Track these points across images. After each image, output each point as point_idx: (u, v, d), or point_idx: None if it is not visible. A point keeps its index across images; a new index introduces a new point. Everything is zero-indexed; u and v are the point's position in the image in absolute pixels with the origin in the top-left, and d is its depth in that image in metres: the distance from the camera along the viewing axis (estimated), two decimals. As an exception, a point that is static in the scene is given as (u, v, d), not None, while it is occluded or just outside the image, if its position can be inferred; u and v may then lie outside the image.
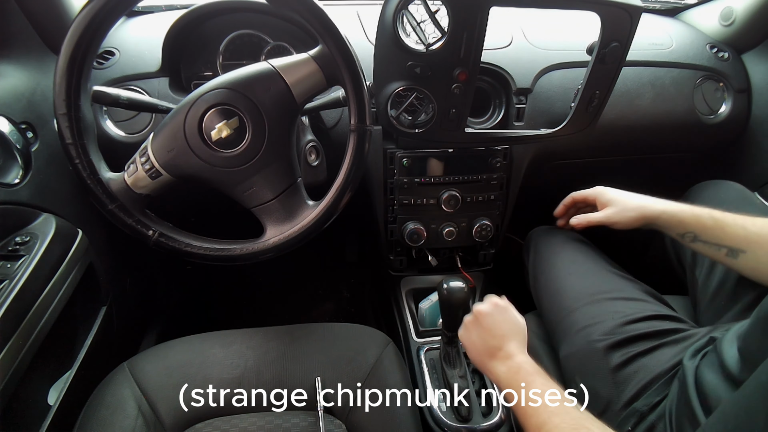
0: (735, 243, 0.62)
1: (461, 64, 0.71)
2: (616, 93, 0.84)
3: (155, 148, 0.61)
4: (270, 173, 0.63)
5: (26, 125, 0.71)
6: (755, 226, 0.62)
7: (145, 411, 0.63)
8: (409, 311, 0.99)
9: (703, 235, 0.65)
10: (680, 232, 0.67)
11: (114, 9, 0.56)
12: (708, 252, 0.66)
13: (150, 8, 0.96)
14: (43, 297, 0.63)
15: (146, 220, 0.64)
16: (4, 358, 0.55)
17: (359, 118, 0.61)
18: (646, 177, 1.21)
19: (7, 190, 0.66)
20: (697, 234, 0.65)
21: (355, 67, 0.59)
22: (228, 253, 0.65)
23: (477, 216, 0.94)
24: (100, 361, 0.79)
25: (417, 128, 0.78)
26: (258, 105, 0.60)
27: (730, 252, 0.62)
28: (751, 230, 0.62)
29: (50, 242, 0.66)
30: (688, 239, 0.66)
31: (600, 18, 0.69)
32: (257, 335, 0.73)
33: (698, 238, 0.65)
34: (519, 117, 0.90)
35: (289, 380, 0.67)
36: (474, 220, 0.93)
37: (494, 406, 0.79)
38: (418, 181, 0.89)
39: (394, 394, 0.66)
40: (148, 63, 0.85)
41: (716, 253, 0.64)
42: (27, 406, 0.67)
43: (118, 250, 0.93)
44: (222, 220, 1.10)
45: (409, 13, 0.69)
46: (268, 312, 1.44)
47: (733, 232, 0.63)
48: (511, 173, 0.93)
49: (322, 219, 0.64)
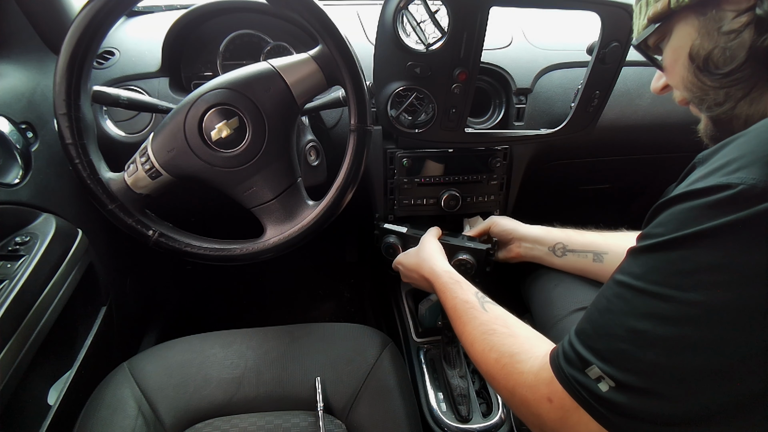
0: (598, 247, 0.70)
1: (461, 64, 0.71)
2: (616, 93, 0.84)
3: (155, 148, 0.61)
4: (270, 173, 0.63)
5: (26, 125, 0.71)
6: (612, 236, 0.72)
7: (145, 411, 0.63)
8: (409, 311, 0.99)
9: (570, 244, 0.73)
10: (551, 245, 0.74)
11: (114, 9, 0.56)
12: (578, 262, 0.72)
13: (150, 8, 0.96)
14: (43, 297, 0.63)
15: (146, 220, 0.64)
16: (4, 358, 0.55)
17: (359, 118, 0.61)
18: (646, 177, 1.21)
19: (7, 190, 0.66)
20: (565, 244, 0.73)
21: (355, 67, 0.59)
22: (228, 253, 0.65)
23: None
24: (100, 361, 0.79)
25: (417, 128, 0.78)
26: (258, 105, 0.60)
27: (596, 256, 0.70)
28: (609, 237, 0.72)
29: (50, 242, 0.66)
30: (559, 251, 0.74)
31: (600, 18, 0.69)
32: (257, 335, 0.73)
33: (567, 248, 0.73)
34: (519, 117, 0.90)
35: (289, 380, 0.67)
36: (474, 220, 0.93)
37: (494, 406, 0.79)
38: (418, 181, 0.89)
39: (394, 394, 0.67)
40: (148, 63, 0.85)
41: (584, 261, 0.72)
42: (27, 406, 0.67)
43: (118, 250, 0.93)
44: (222, 220, 1.10)
45: (409, 13, 0.69)
46: (267, 312, 1.44)
47: (594, 239, 0.72)
48: (511, 173, 0.93)
49: (322, 219, 0.64)
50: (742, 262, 0.30)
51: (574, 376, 0.38)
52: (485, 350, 0.50)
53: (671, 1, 0.40)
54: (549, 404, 0.40)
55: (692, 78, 0.42)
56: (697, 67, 0.41)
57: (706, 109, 0.44)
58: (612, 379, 0.35)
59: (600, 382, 0.35)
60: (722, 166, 0.32)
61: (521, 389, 0.43)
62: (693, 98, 0.44)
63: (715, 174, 0.32)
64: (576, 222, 0.79)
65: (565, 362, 0.39)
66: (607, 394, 0.35)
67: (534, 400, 0.42)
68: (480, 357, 0.51)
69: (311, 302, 1.47)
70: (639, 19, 0.46)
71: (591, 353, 0.37)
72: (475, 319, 0.55)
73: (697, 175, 0.34)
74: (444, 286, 0.64)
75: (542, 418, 0.41)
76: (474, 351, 0.52)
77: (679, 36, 0.42)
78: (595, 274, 0.72)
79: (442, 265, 0.69)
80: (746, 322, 0.30)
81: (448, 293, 0.62)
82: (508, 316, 0.54)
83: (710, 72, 0.40)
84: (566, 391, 0.38)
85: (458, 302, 0.59)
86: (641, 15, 0.45)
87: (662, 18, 0.43)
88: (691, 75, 0.42)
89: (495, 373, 0.48)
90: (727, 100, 0.40)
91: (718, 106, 0.42)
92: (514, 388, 0.44)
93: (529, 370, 0.43)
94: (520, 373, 0.44)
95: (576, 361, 0.38)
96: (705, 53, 0.39)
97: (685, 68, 0.42)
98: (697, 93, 0.43)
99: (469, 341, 0.54)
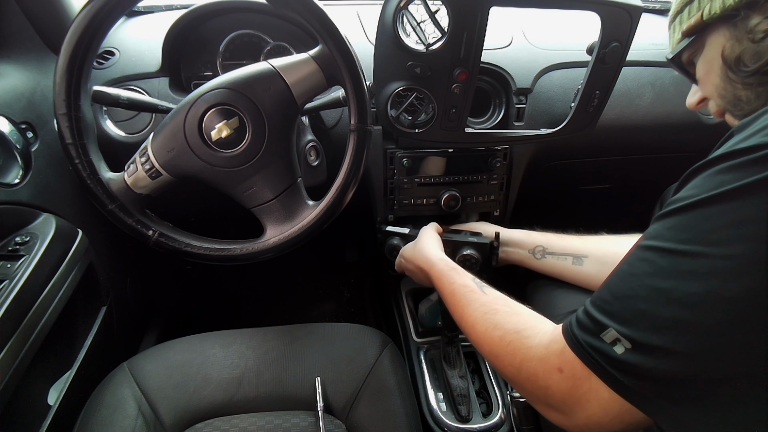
0: (578, 251, 0.72)
1: (461, 64, 0.71)
2: (616, 93, 0.84)
3: (155, 148, 0.61)
4: (270, 173, 0.63)
5: (26, 125, 0.71)
6: (592, 240, 0.73)
7: (145, 411, 0.63)
8: (409, 311, 0.99)
9: (550, 247, 0.74)
10: (531, 248, 0.76)
11: (114, 9, 0.56)
12: (557, 265, 0.74)
13: (150, 8, 0.96)
14: (43, 297, 0.63)
15: (146, 220, 0.64)
16: (4, 358, 0.55)
17: (359, 118, 0.61)
18: (647, 177, 1.21)
19: (7, 190, 0.66)
20: (545, 247, 0.75)
21: (355, 67, 0.59)
22: (228, 253, 0.65)
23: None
24: (100, 361, 0.79)
25: (417, 128, 0.78)
26: (258, 105, 0.60)
27: (576, 259, 0.72)
28: (589, 241, 0.73)
29: (50, 242, 0.66)
30: (539, 254, 0.75)
31: (600, 18, 0.69)
32: (257, 335, 0.73)
33: (547, 251, 0.75)
34: (519, 117, 0.90)
35: (289, 380, 0.67)
36: (474, 220, 0.93)
37: (494, 406, 0.79)
38: (418, 181, 0.89)
39: (394, 394, 0.67)
40: (148, 63, 0.85)
41: (564, 264, 0.73)
42: (27, 406, 0.67)
43: (118, 250, 0.93)
44: (222, 220, 1.10)
45: (409, 13, 0.69)
46: (268, 312, 1.44)
47: (574, 242, 0.73)
48: (511, 173, 0.93)
49: (322, 219, 0.64)
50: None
51: (587, 341, 0.37)
52: (488, 329, 0.49)
53: (703, 14, 0.42)
54: (559, 374, 0.40)
55: (724, 84, 0.44)
56: (729, 68, 0.42)
57: (739, 115, 0.45)
58: (628, 339, 0.34)
59: (615, 345, 0.35)
60: (763, 128, 0.32)
61: (530, 363, 0.43)
62: (727, 105, 0.46)
63: (756, 135, 0.32)
64: (576, 222, 0.80)
65: (579, 329, 0.39)
66: (622, 356, 0.34)
67: (543, 372, 0.41)
68: (483, 337, 0.50)
69: (311, 302, 1.47)
70: (674, 36, 0.48)
71: (608, 317, 0.36)
72: (475, 301, 0.54)
73: (736, 140, 0.34)
74: (440, 272, 0.63)
75: (551, 390, 0.40)
76: (476, 332, 0.51)
77: (711, 47, 0.44)
78: (574, 277, 0.72)
79: (436, 253, 0.69)
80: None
81: (444, 279, 0.62)
82: (508, 298, 0.53)
83: (740, 71, 0.41)
84: (578, 357, 0.38)
85: (456, 287, 0.59)
86: (676, 31, 0.48)
87: (696, 31, 0.45)
88: (723, 81, 0.44)
89: (499, 351, 0.47)
90: (757, 98, 0.42)
91: (749, 105, 0.43)
92: (521, 363, 0.44)
93: (539, 344, 0.43)
94: (528, 348, 0.44)
95: (591, 326, 0.37)
96: (736, 55, 0.41)
97: (717, 76, 0.44)
98: (730, 98, 0.44)
99: (470, 323, 0.53)
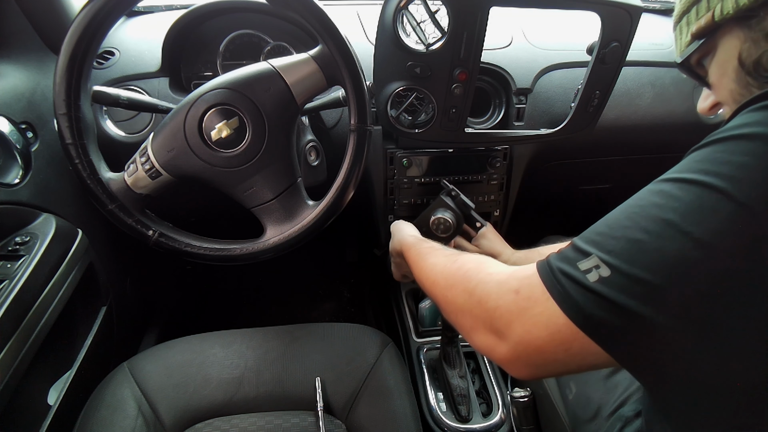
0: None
1: (461, 64, 0.71)
2: (616, 93, 0.84)
3: (155, 148, 0.61)
4: (270, 173, 0.63)
5: (26, 125, 0.71)
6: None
7: (145, 411, 0.63)
8: (409, 311, 0.99)
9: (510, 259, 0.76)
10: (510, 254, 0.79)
11: (114, 9, 0.56)
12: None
13: (150, 8, 0.96)
14: (43, 297, 0.63)
15: (146, 220, 0.64)
16: (4, 358, 0.55)
17: (359, 118, 0.61)
18: (647, 177, 1.21)
19: (7, 190, 0.66)
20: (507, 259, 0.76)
21: (355, 67, 0.59)
22: (228, 253, 0.65)
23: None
24: (100, 361, 0.79)
25: (417, 128, 0.78)
26: (258, 105, 0.60)
27: None
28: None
29: (50, 242, 0.66)
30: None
31: (600, 18, 0.69)
32: (257, 335, 0.73)
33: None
34: (519, 117, 0.90)
35: (289, 380, 0.67)
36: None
37: (494, 406, 0.79)
38: (418, 181, 0.89)
39: (394, 394, 0.67)
40: (148, 63, 0.85)
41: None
42: (27, 406, 0.67)
43: (118, 250, 0.93)
44: (222, 220, 1.10)
45: (409, 13, 0.69)
46: (268, 312, 1.44)
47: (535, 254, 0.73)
48: (511, 173, 0.93)
49: (322, 219, 0.64)
50: None
51: (560, 267, 0.36)
52: (447, 265, 0.48)
53: (715, 14, 0.40)
54: (514, 295, 0.38)
55: (741, 89, 0.41)
56: (747, 73, 0.40)
57: None
58: (609, 266, 0.33)
59: (589, 273, 0.33)
60: None
61: (486, 285, 0.40)
62: None
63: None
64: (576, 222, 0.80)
65: (557, 257, 0.37)
66: (594, 284, 0.33)
67: (497, 293, 0.39)
68: (441, 273, 0.48)
69: (311, 302, 1.47)
70: (681, 38, 0.45)
71: (593, 245, 0.35)
72: (440, 253, 0.54)
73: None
74: (409, 245, 0.64)
75: (499, 310, 0.38)
76: (434, 274, 0.49)
77: (724, 49, 0.42)
78: None
79: (408, 231, 0.70)
80: None
81: (413, 249, 0.61)
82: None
83: (759, 75, 0.39)
84: (542, 281, 0.36)
85: (423, 248, 0.59)
86: (684, 33, 0.45)
87: (707, 33, 0.42)
88: (739, 86, 0.41)
89: (455, 281, 0.44)
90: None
91: None
92: (476, 286, 0.41)
93: (502, 271, 0.41)
94: (489, 274, 0.41)
95: (570, 254, 0.36)
96: (754, 59, 0.39)
97: (732, 81, 0.42)
98: None
99: (430, 267, 0.51)
